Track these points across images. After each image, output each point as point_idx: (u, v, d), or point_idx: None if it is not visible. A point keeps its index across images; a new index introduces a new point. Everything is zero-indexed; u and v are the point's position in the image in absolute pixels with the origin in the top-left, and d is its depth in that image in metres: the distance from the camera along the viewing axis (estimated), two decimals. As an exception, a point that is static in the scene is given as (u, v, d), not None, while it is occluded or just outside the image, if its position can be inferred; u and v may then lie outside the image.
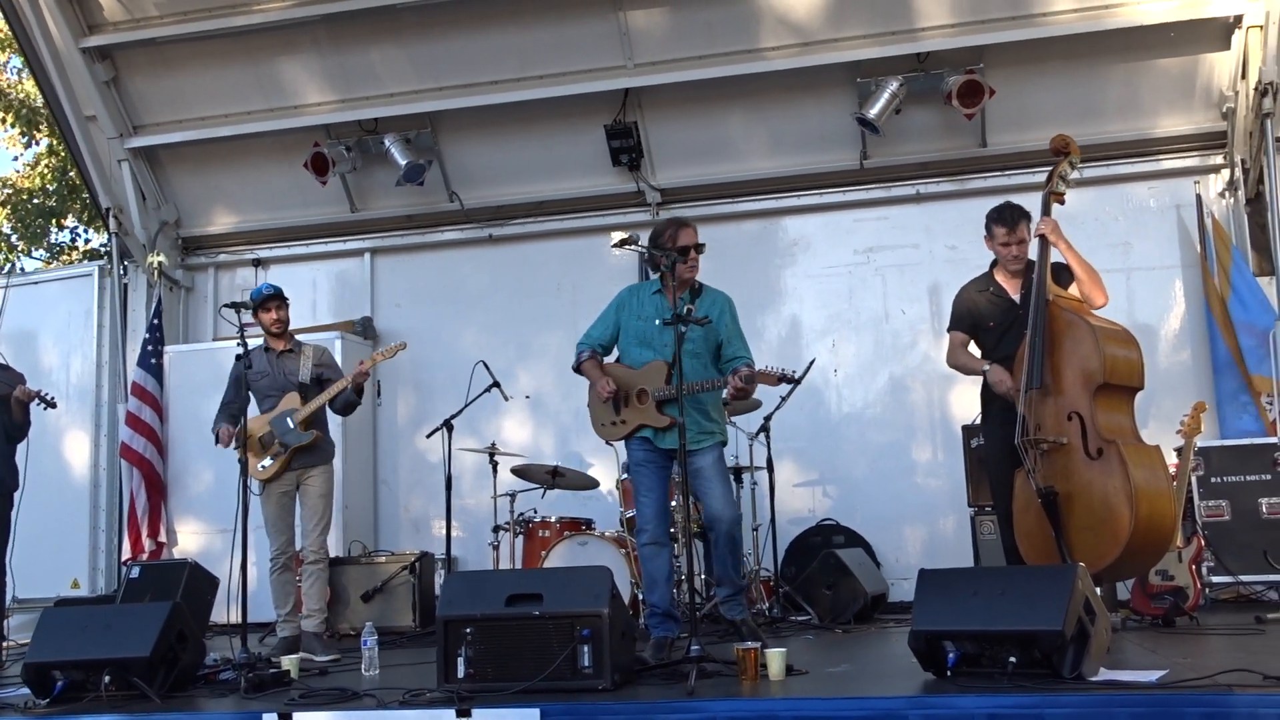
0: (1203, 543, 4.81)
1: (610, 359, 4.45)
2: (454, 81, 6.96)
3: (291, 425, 4.93)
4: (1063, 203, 4.29)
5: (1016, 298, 4.32)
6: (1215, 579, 5.17)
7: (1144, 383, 4.12)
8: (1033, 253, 4.27)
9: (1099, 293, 4.18)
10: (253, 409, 5.00)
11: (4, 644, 5.18)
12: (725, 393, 4.19)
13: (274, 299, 5.05)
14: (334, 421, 5.34)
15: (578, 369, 4.41)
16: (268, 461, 4.91)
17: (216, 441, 4.95)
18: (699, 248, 4.18)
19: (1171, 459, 4.59)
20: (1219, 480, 5.33)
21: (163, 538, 6.97)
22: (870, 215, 6.95)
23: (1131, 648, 3.79)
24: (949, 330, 4.49)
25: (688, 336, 3.99)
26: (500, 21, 6.72)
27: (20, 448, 5.22)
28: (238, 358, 4.63)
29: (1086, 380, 3.97)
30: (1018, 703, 2.71)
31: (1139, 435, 4.08)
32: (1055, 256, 4.23)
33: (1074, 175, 4.32)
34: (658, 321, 4.17)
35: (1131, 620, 4.50)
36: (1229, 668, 2.86)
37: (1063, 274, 4.24)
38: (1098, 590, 3.31)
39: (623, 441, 4.35)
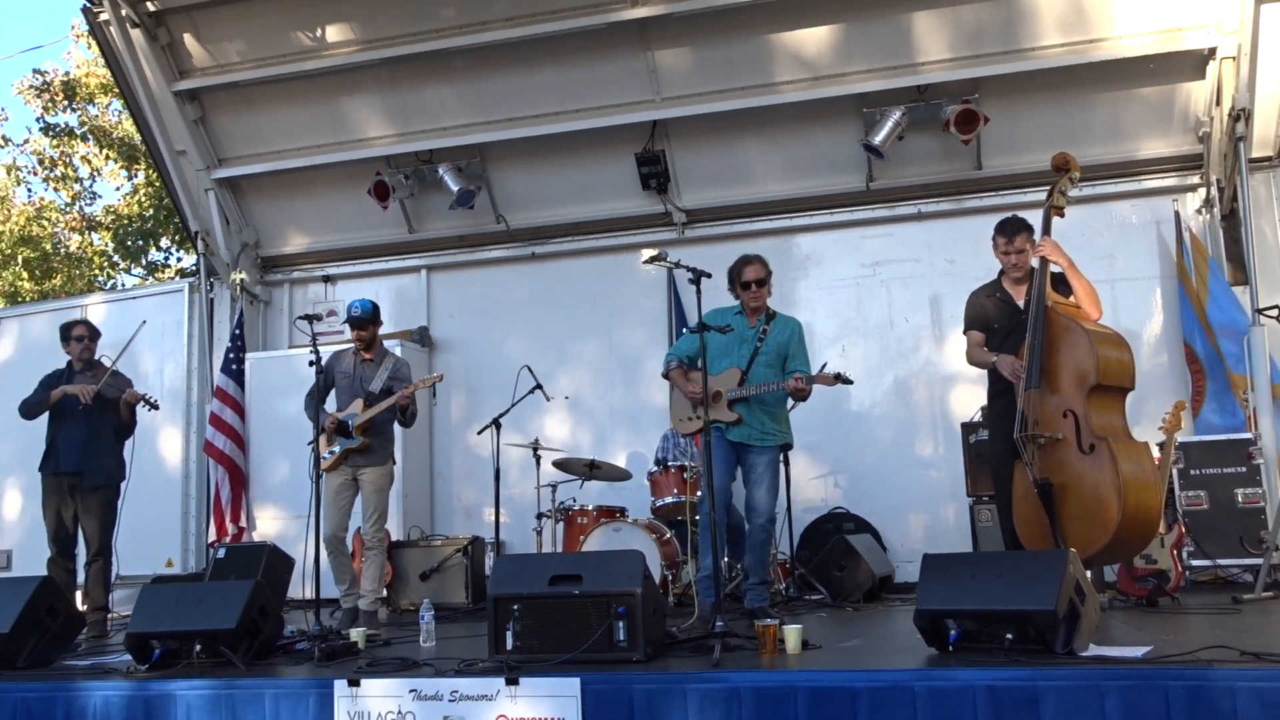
0: (1184, 530, 4.74)
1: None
2: (500, 116, 7.02)
3: (350, 428, 5.03)
4: (1062, 216, 4.23)
5: (1021, 304, 4.27)
6: (1195, 563, 5.10)
7: (1135, 384, 4.05)
8: (1035, 263, 4.22)
9: (1094, 308, 4.11)
10: (333, 404, 5.19)
11: (110, 615, 5.30)
12: (789, 398, 4.45)
13: (356, 321, 5.17)
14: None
15: (666, 375, 4.73)
16: (327, 455, 5.03)
17: (319, 431, 4.80)
18: (760, 282, 4.55)
19: (1155, 453, 4.52)
20: (1198, 472, 5.26)
21: (243, 523, 7.09)
22: (876, 232, 6.91)
23: (1118, 626, 3.73)
24: (965, 332, 4.45)
25: (762, 349, 4.50)
26: (541, 62, 6.77)
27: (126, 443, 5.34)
28: (311, 363, 4.70)
29: (1080, 381, 3.91)
30: (1014, 675, 2.68)
31: (1129, 432, 4.02)
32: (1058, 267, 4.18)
33: (1074, 191, 4.26)
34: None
35: (1118, 600, 4.43)
36: (1209, 644, 2.82)
37: (1062, 282, 4.19)
38: (1087, 573, 3.27)
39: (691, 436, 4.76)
